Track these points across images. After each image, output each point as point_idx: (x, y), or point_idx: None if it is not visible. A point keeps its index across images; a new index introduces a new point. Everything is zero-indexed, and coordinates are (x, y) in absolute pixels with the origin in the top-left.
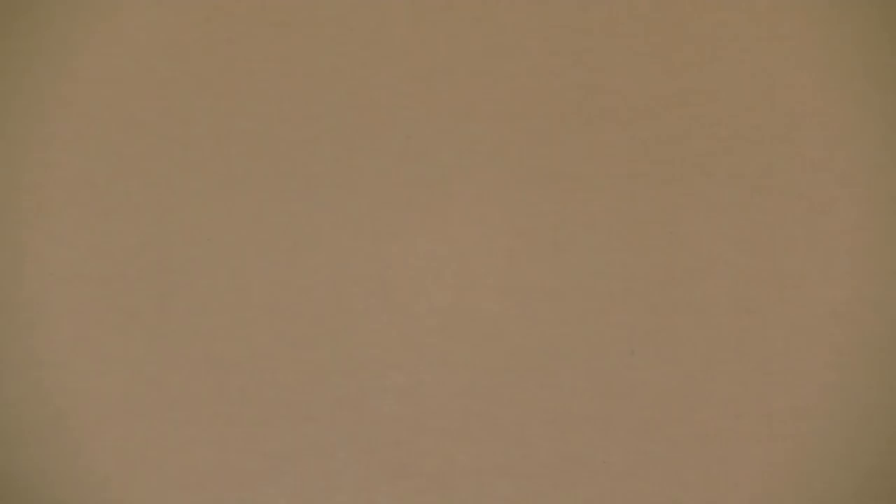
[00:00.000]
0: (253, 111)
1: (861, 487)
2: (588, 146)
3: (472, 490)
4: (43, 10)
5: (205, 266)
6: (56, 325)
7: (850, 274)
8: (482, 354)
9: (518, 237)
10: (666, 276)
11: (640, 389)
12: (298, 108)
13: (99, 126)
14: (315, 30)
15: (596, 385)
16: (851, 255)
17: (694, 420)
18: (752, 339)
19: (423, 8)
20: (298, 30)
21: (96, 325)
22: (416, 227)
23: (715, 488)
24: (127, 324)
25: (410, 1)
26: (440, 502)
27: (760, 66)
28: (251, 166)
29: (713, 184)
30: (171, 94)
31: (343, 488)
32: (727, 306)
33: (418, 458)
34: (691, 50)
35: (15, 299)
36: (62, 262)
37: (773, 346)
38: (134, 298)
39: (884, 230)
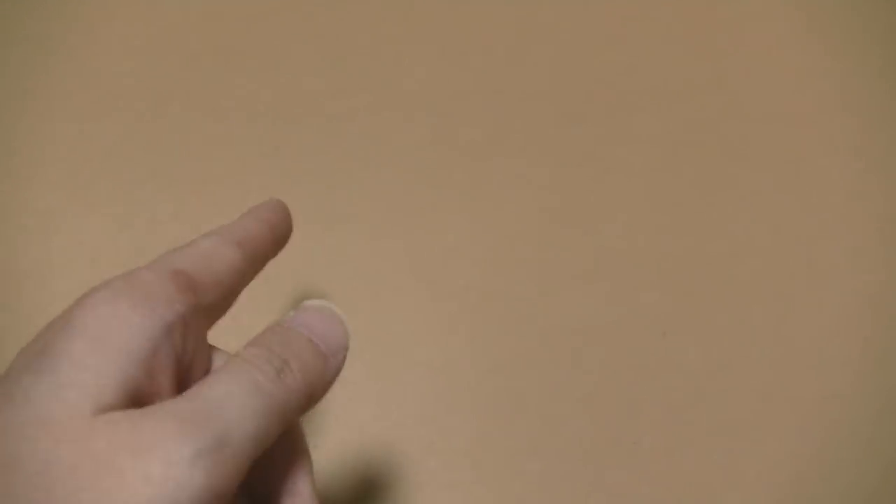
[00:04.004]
0: (283, 85)
1: (891, 474)
2: (621, 128)
3: (501, 467)
4: None
5: None
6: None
7: (882, 260)
8: (513, 333)
9: (551, 217)
10: (697, 259)
11: (671, 371)
12: (328, 86)
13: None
14: (348, 5)
15: (627, 366)
16: (883, 242)
17: (724, 403)
18: (782, 323)
19: None
20: (329, 5)
21: None
22: (449, 205)
23: (743, 472)
24: None
25: None
26: (470, 479)
27: (794, 52)
28: (279, 140)
29: (745, 168)
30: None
31: (372, 464)
32: (758, 290)
33: (448, 435)
34: (725, 34)
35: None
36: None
37: (803, 332)
38: None
39: None
